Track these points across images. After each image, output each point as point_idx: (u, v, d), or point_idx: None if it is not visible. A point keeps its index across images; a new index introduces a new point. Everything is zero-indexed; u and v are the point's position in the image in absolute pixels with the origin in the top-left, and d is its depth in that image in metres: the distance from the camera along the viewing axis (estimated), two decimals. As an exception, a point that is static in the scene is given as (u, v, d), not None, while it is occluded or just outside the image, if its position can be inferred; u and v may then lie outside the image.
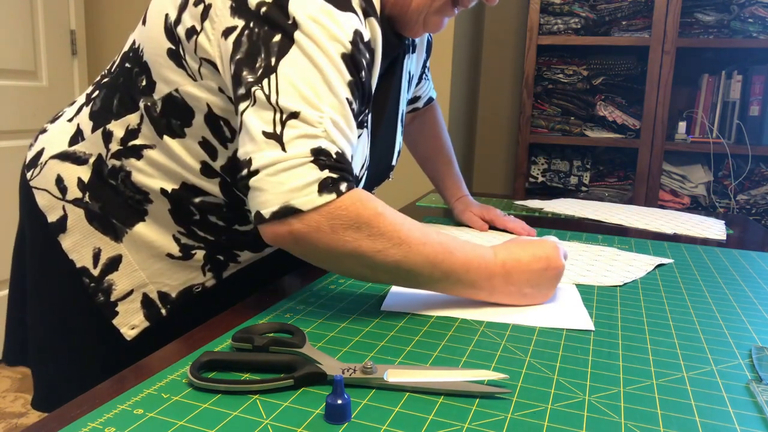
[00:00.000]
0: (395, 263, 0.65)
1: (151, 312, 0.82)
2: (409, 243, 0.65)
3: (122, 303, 0.81)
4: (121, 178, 0.79)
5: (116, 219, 0.80)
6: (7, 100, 2.30)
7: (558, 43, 2.40)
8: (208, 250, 0.81)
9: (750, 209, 2.36)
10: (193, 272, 0.82)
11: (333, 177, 0.62)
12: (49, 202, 0.81)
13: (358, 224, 0.63)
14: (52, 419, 0.46)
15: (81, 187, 0.80)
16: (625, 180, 2.50)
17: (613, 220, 1.25)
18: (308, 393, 0.51)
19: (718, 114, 2.37)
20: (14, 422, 1.98)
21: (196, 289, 0.83)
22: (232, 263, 0.84)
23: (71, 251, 0.80)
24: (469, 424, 0.47)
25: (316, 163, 0.62)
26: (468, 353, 0.60)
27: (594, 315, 0.71)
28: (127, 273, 0.81)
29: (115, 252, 0.80)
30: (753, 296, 0.80)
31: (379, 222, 0.63)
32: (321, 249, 0.63)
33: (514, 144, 2.78)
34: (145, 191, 0.78)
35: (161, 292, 0.82)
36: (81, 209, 0.80)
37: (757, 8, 2.23)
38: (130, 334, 0.81)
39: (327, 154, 0.63)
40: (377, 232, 0.64)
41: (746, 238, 1.17)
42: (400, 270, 0.66)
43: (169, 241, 0.80)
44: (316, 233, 0.62)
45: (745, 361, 0.60)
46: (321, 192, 0.61)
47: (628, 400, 0.51)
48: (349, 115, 0.66)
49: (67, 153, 0.81)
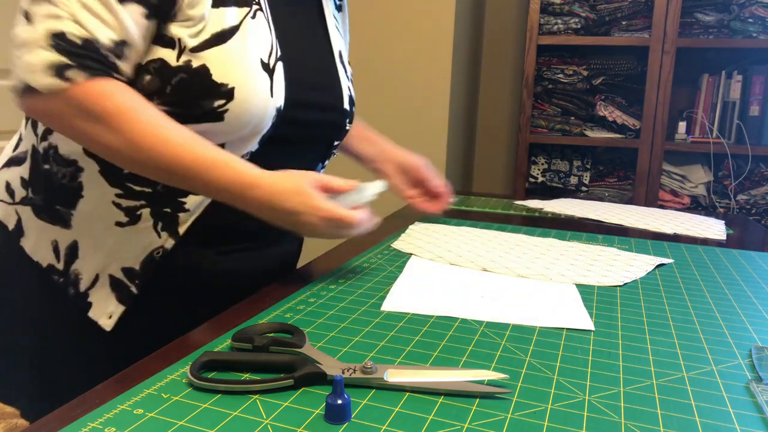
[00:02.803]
0: (131, 164, 0.69)
1: (123, 293, 0.78)
2: (140, 148, 0.67)
3: (92, 291, 0.79)
4: (51, 157, 0.78)
5: (59, 204, 0.78)
6: (7, 100, 2.30)
7: (558, 43, 2.40)
8: (151, 205, 0.77)
9: (750, 209, 2.36)
10: (147, 236, 0.78)
11: (67, 63, 0.64)
12: (4, 210, 0.81)
13: (95, 116, 0.65)
14: (52, 419, 0.46)
15: (24, 185, 0.80)
16: (625, 180, 2.50)
17: (613, 220, 1.25)
18: (308, 393, 0.51)
19: (718, 114, 2.37)
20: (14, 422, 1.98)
21: (156, 254, 0.78)
22: (182, 213, 0.78)
23: (34, 253, 0.80)
24: (469, 424, 0.47)
25: (54, 47, 0.63)
26: (468, 353, 0.60)
27: (594, 315, 0.71)
28: (88, 257, 0.78)
29: (70, 239, 0.78)
30: (753, 296, 0.80)
31: (110, 120, 0.66)
32: (66, 132, 0.68)
33: (514, 144, 2.78)
34: (72, 159, 0.76)
35: (125, 268, 0.78)
36: (28, 206, 0.80)
37: (757, 8, 2.23)
38: (109, 324, 0.78)
39: (67, 38, 0.64)
40: (109, 128, 0.66)
41: (746, 238, 1.17)
42: (138, 170, 0.70)
43: (111, 208, 0.77)
44: (57, 116, 0.66)
45: (745, 361, 0.60)
46: (52, 76, 0.64)
47: (628, 400, 0.51)
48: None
49: (11, 158, 0.83)
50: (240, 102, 0.72)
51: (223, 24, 0.72)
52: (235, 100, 0.72)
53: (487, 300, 0.75)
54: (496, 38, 2.77)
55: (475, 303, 0.73)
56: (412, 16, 2.24)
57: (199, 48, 0.71)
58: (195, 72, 0.70)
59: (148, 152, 0.67)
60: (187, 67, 0.70)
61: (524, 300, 0.75)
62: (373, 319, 0.67)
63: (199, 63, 0.71)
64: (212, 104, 0.71)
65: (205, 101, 0.71)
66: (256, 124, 0.75)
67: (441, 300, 0.74)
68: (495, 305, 0.73)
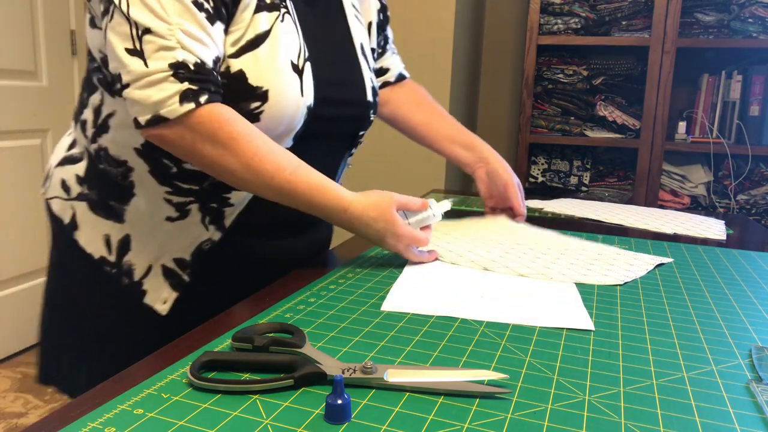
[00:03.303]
0: (244, 184, 0.75)
1: (175, 281, 0.85)
2: (257, 173, 0.73)
3: (146, 280, 0.85)
4: (103, 158, 0.83)
5: (113, 200, 0.84)
6: (7, 100, 2.30)
7: (558, 43, 2.40)
8: (199, 201, 0.83)
9: (750, 209, 2.36)
10: (196, 230, 0.84)
11: (192, 89, 0.70)
12: (60, 206, 0.87)
13: (213, 141, 0.71)
14: (52, 419, 0.46)
15: (79, 182, 0.86)
16: (625, 180, 2.50)
17: (613, 220, 1.25)
18: (308, 393, 0.51)
19: (718, 114, 2.37)
20: (14, 422, 1.98)
21: (205, 245, 0.85)
22: (227, 207, 0.84)
23: (87, 245, 0.85)
24: (469, 424, 0.47)
25: (176, 77, 0.69)
26: (468, 353, 0.60)
27: (594, 315, 0.71)
28: (140, 250, 0.85)
29: (123, 233, 0.85)
30: (753, 296, 0.80)
31: (233, 145, 0.72)
32: (185, 155, 0.74)
33: (514, 144, 2.78)
34: (123, 160, 0.82)
35: (176, 258, 0.85)
36: (84, 202, 0.85)
37: (757, 8, 2.23)
38: (164, 309, 0.85)
39: (185, 66, 0.69)
40: (231, 153, 0.72)
41: (746, 238, 1.17)
42: (250, 189, 0.76)
43: (163, 204, 0.83)
44: (180, 141, 0.72)
45: (745, 361, 0.60)
46: (182, 102, 0.69)
47: (628, 400, 0.51)
48: (200, 19, 0.71)
49: (66, 158, 0.89)
50: (274, 103, 0.77)
51: (257, 30, 0.76)
52: (270, 102, 0.77)
53: (487, 300, 0.75)
54: (496, 38, 2.77)
55: (475, 303, 0.73)
56: (412, 16, 2.24)
57: (236, 54, 0.76)
58: (233, 77, 0.76)
59: (262, 175, 0.74)
60: (227, 73, 0.76)
61: (524, 300, 0.75)
62: (373, 319, 0.67)
63: (236, 68, 0.75)
64: (249, 106, 0.76)
65: (243, 104, 0.76)
66: (289, 123, 0.80)
67: (441, 300, 0.74)
68: (495, 305, 0.73)
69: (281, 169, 0.74)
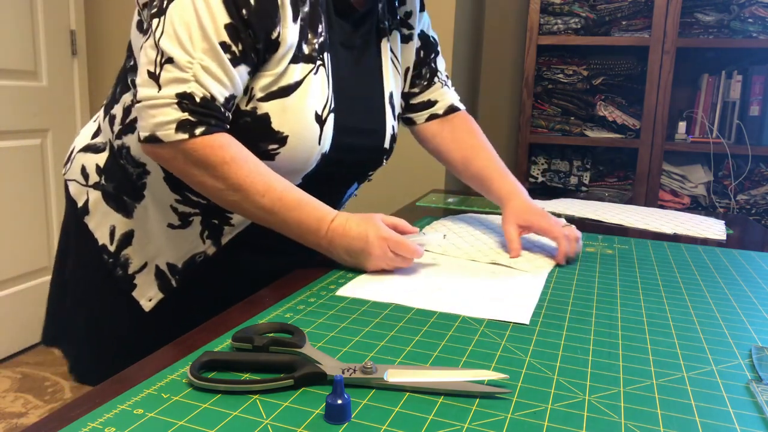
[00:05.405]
0: (232, 204, 0.78)
1: (164, 283, 0.90)
2: (246, 191, 0.76)
3: (138, 276, 0.90)
4: (125, 155, 0.87)
5: (127, 196, 0.88)
6: (7, 100, 2.30)
7: (558, 43, 2.40)
8: (203, 215, 0.87)
9: (750, 209, 2.36)
10: (194, 241, 0.88)
11: (191, 120, 0.73)
12: (77, 189, 0.92)
13: (204, 165, 0.75)
14: (52, 419, 0.46)
15: (98, 172, 0.90)
16: (625, 180, 2.50)
17: (613, 220, 1.25)
18: (308, 393, 0.51)
19: (718, 114, 2.37)
20: (14, 422, 1.98)
21: (198, 257, 0.89)
22: (227, 226, 0.88)
23: (95, 230, 0.90)
24: (469, 424, 0.47)
25: (179, 106, 0.73)
26: (468, 353, 0.60)
27: (594, 315, 0.71)
28: (140, 247, 0.89)
29: (128, 228, 0.89)
30: (753, 296, 0.80)
31: (223, 168, 0.75)
32: (177, 173, 0.78)
33: (514, 144, 2.78)
34: (142, 162, 0.86)
35: (169, 263, 0.89)
36: (99, 191, 0.90)
37: (757, 8, 2.23)
38: (148, 306, 0.90)
39: (191, 98, 0.73)
40: (219, 175, 0.75)
41: (746, 238, 1.17)
42: (238, 210, 0.79)
43: (168, 211, 0.87)
44: (173, 161, 0.76)
45: (745, 361, 0.60)
46: (177, 131, 0.73)
47: (628, 400, 0.51)
48: (223, 60, 0.74)
49: (89, 145, 0.93)
50: (291, 148, 0.81)
51: (289, 80, 0.80)
52: (287, 146, 0.81)
53: (445, 292, 0.76)
54: (496, 38, 2.77)
55: (431, 293, 0.75)
56: (412, 16, 2.23)
57: (265, 98, 0.79)
58: (258, 118, 0.79)
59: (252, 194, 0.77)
60: (252, 113, 0.79)
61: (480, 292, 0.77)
62: (373, 319, 0.67)
63: (262, 111, 0.79)
64: (267, 147, 0.80)
65: (262, 144, 0.80)
66: (302, 166, 0.84)
67: (399, 289, 0.76)
68: (449, 297, 0.75)
69: (272, 189, 0.77)
